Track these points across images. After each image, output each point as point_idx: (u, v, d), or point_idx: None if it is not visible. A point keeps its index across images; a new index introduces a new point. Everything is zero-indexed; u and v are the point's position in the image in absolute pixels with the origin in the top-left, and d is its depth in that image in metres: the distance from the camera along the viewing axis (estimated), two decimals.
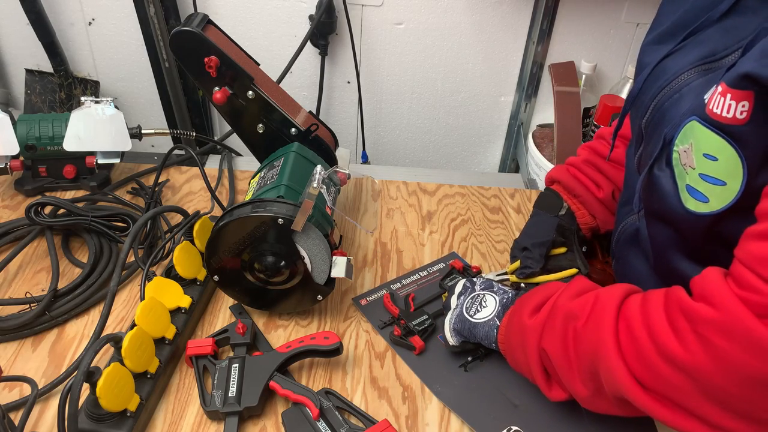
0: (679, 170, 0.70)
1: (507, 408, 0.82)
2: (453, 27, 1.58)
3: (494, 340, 0.82)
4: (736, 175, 0.64)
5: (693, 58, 0.75)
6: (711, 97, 0.64)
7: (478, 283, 0.88)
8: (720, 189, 0.65)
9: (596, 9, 1.54)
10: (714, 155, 0.65)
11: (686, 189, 0.69)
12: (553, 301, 0.75)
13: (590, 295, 0.72)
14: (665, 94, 0.77)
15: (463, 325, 0.84)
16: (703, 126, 0.65)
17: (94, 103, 1.12)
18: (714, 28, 0.75)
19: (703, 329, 0.59)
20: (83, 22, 1.63)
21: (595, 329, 0.68)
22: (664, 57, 0.79)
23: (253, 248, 0.86)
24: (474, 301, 0.85)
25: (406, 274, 1.04)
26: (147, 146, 1.67)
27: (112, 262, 0.99)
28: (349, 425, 0.77)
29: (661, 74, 0.79)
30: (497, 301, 0.84)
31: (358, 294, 1.00)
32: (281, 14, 1.59)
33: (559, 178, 1.02)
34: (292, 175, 0.93)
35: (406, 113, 1.75)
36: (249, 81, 0.97)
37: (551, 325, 0.73)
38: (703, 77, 0.73)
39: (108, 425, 0.74)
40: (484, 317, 0.83)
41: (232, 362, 0.83)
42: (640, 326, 0.64)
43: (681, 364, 0.60)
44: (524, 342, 0.76)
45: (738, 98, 0.61)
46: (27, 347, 0.88)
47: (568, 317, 0.71)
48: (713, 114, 0.64)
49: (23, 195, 1.15)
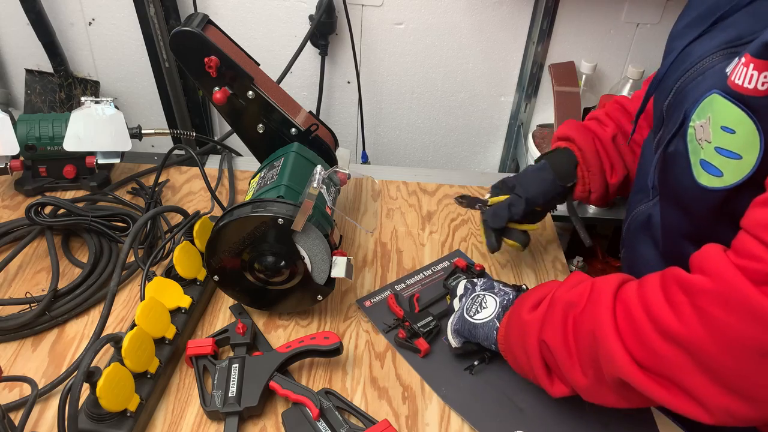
0: (694, 145, 0.70)
1: (513, 412, 0.82)
2: (453, 27, 1.58)
3: (494, 341, 0.82)
4: (753, 148, 0.63)
5: (719, 42, 0.74)
6: (734, 69, 0.64)
7: (479, 283, 0.88)
8: (735, 163, 0.65)
9: (596, 9, 1.54)
10: (732, 128, 0.64)
11: (700, 164, 0.69)
12: (551, 296, 0.76)
13: (587, 283, 0.73)
14: (689, 77, 0.76)
15: (463, 326, 0.84)
16: (723, 98, 0.65)
17: (94, 103, 1.12)
18: (742, 12, 0.74)
19: (699, 300, 0.58)
20: (83, 22, 1.62)
21: (592, 314, 0.68)
22: (691, 41, 0.78)
23: (253, 248, 0.86)
24: (474, 301, 0.85)
25: (410, 274, 1.04)
26: (147, 146, 1.67)
27: (112, 262, 0.99)
28: (349, 425, 0.77)
29: (686, 57, 0.78)
30: (497, 302, 0.84)
31: (361, 296, 1.00)
32: (281, 14, 1.58)
33: (583, 147, 0.99)
34: (292, 175, 0.93)
35: (406, 113, 1.75)
36: (249, 81, 0.97)
37: (551, 317, 0.73)
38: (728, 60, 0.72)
39: (108, 425, 0.74)
40: (484, 318, 0.83)
41: (232, 362, 0.82)
42: (636, 305, 0.64)
43: (677, 337, 0.60)
44: (524, 338, 0.76)
45: (761, 68, 0.60)
46: (27, 347, 0.88)
47: (566, 306, 0.72)
48: (734, 85, 0.63)
49: (23, 195, 1.15)
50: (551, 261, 1.09)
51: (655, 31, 1.54)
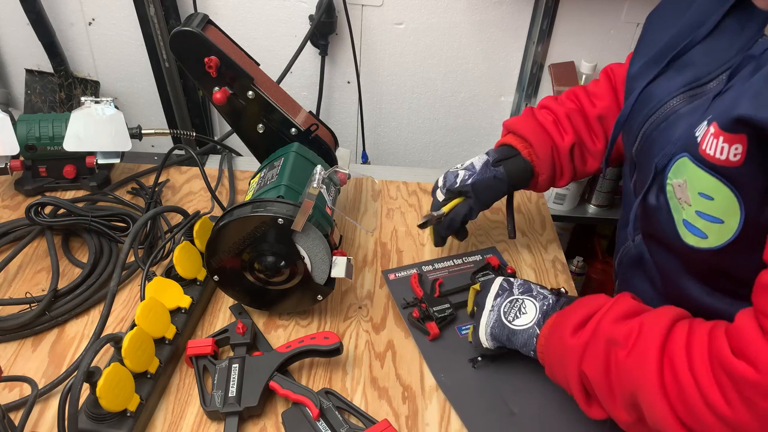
0: (674, 203, 0.70)
1: (503, 413, 0.82)
2: (453, 27, 1.58)
3: (533, 348, 0.80)
4: (734, 213, 0.64)
5: (679, 84, 0.75)
6: (703, 138, 0.64)
7: (516, 284, 0.85)
8: (718, 226, 0.65)
9: (596, 9, 1.54)
10: (709, 195, 0.65)
11: (683, 224, 0.69)
12: (596, 320, 0.72)
13: (635, 322, 0.69)
14: (653, 122, 0.77)
15: (501, 330, 0.82)
16: (695, 165, 0.65)
17: (94, 103, 1.12)
18: (697, 49, 0.75)
19: (746, 391, 0.58)
20: (83, 22, 1.62)
21: (638, 363, 0.66)
22: (650, 81, 0.78)
23: (253, 248, 0.86)
24: (513, 305, 0.82)
25: (440, 258, 1.05)
26: (147, 146, 1.67)
27: (112, 262, 0.99)
28: (349, 425, 0.77)
29: (647, 100, 0.78)
30: (537, 307, 0.81)
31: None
32: (281, 14, 1.59)
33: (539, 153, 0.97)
34: (292, 175, 0.93)
35: (406, 113, 1.75)
36: (249, 81, 0.97)
37: (593, 350, 0.70)
38: (690, 104, 0.73)
39: (108, 425, 0.74)
40: (524, 324, 0.80)
41: (232, 362, 0.82)
42: (685, 371, 0.63)
43: (726, 419, 0.59)
44: (564, 360, 0.74)
45: (731, 141, 0.61)
46: (27, 347, 0.88)
47: (610, 343, 0.69)
48: (707, 155, 0.63)
49: (23, 195, 1.15)
50: (551, 261, 1.09)
51: None
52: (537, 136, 0.98)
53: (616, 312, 0.72)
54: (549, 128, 0.99)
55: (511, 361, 0.87)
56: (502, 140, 1.02)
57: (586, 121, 1.00)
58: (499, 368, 0.87)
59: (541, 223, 1.18)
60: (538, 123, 0.99)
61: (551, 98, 1.04)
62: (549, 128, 0.99)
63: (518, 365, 0.87)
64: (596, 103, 1.00)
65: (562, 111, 1.00)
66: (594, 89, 1.03)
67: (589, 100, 1.01)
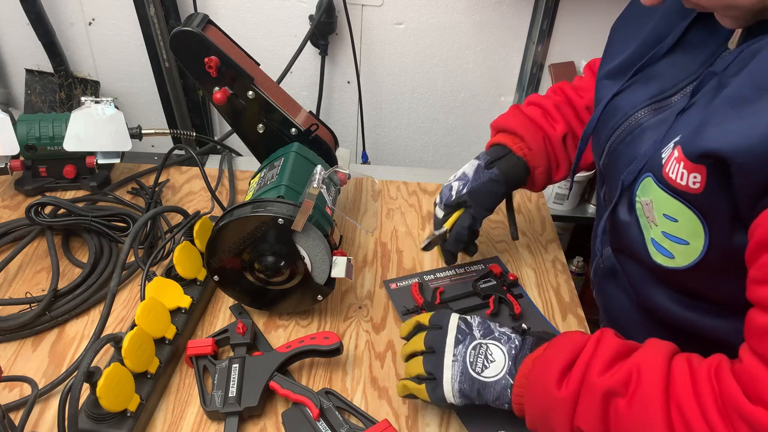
0: (644, 221, 0.71)
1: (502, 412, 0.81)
2: (453, 27, 1.58)
3: (507, 401, 0.73)
4: (698, 235, 0.64)
5: (643, 97, 0.75)
6: (668, 160, 0.64)
7: (474, 325, 0.77)
8: (683, 248, 0.66)
9: (596, 9, 1.54)
10: (674, 216, 0.65)
11: (652, 242, 0.69)
12: (582, 367, 0.66)
13: (629, 364, 0.64)
14: (618, 136, 0.76)
15: (471, 385, 0.73)
16: (658, 187, 0.65)
17: (94, 103, 1.12)
18: (662, 62, 0.75)
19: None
20: (83, 22, 1.63)
21: (643, 413, 0.61)
22: (616, 94, 0.78)
23: (253, 248, 0.86)
24: (478, 353, 0.74)
25: (442, 268, 1.05)
26: (147, 146, 1.67)
27: (112, 262, 0.99)
28: (349, 425, 0.77)
29: (613, 113, 0.78)
30: (505, 353, 0.73)
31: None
32: (281, 14, 1.59)
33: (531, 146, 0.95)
34: (292, 175, 0.93)
35: (406, 113, 1.75)
36: (249, 81, 0.97)
37: (588, 404, 0.65)
38: (655, 117, 0.73)
39: (108, 425, 0.74)
40: (495, 375, 0.72)
41: (232, 362, 0.82)
42: (698, 419, 0.58)
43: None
44: (549, 415, 0.68)
45: (690, 169, 0.61)
46: (27, 347, 0.88)
47: (607, 395, 0.64)
48: (669, 179, 0.64)
49: (23, 195, 1.15)
50: (551, 261, 1.09)
51: None
52: (527, 129, 0.96)
53: (603, 356, 0.66)
54: (538, 120, 0.97)
55: None
56: (492, 141, 1.01)
57: (575, 112, 0.99)
58: None
59: (541, 223, 1.18)
60: (526, 116, 0.98)
61: (536, 95, 1.03)
62: (538, 120, 0.97)
63: None
64: (583, 95, 1.00)
65: (550, 103, 0.99)
66: (579, 83, 1.03)
67: (575, 92, 1.01)
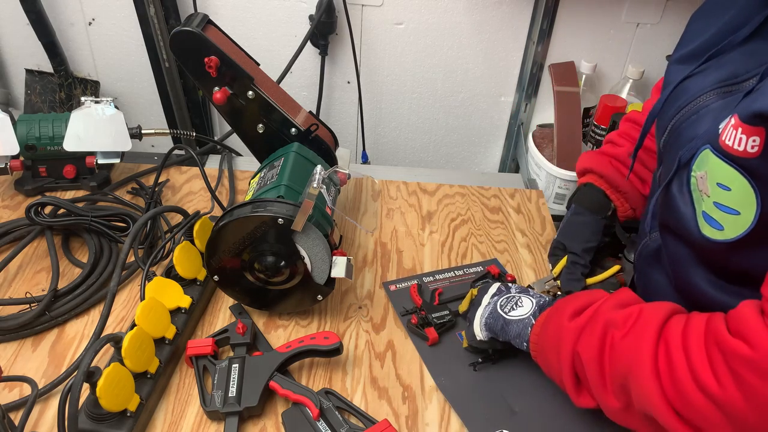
0: (697, 195, 0.71)
1: (504, 412, 0.82)
2: (453, 27, 1.58)
3: (526, 339, 0.80)
4: (750, 204, 0.64)
5: (713, 80, 0.75)
6: (724, 128, 0.64)
7: (513, 287, 0.87)
8: (734, 218, 0.66)
9: (596, 9, 1.53)
10: (727, 185, 0.65)
11: (702, 215, 0.69)
12: (595, 307, 0.74)
13: (635, 308, 0.71)
14: (683, 115, 0.77)
15: (496, 321, 0.83)
16: (715, 155, 0.66)
17: (94, 103, 1.12)
18: (737, 51, 0.75)
19: (737, 366, 0.58)
20: (83, 22, 1.62)
21: (634, 344, 0.67)
22: (686, 78, 0.78)
23: (253, 248, 0.86)
24: (509, 300, 0.84)
25: (441, 270, 1.05)
26: (147, 146, 1.67)
27: (112, 262, 0.99)
28: (349, 425, 0.77)
29: (681, 94, 0.78)
30: (534, 302, 0.83)
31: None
32: (281, 14, 1.58)
33: (602, 172, 1.00)
34: (292, 175, 0.93)
35: (406, 113, 1.75)
36: (249, 81, 0.97)
37: (590, 330, 0.72)
38: (722, 99, 0.73)
39: (108, 425, 0.74)
40: (520, 315, 0.81)
41: (232, 362, 0.82)
42: (679, 352, 0.63)
43: (715, 397, 0.60)
44: (559, 343, 0.75)
45: (749, 133, 0.61)
46: (27, 347, 0.88)
47: (608, 325, 0.70)
48: (725, 146, 0.64)
49: (23, 195, 1.15)
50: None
51: (655, 31, 1.54)
52: (594, 161, 1.02)
53: (615, 300, 0.74)
54: (605, 149, 1.03)
55: (512, 362, 0.87)
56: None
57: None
58: (500, 370, 0.87)
59: (541, 223, 1.19)
60: (594, 153, 1.03)
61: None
62: (605, 149, 1.03)
63: (519, 366, 0.87)
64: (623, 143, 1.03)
65: (615, 133, 1.03)
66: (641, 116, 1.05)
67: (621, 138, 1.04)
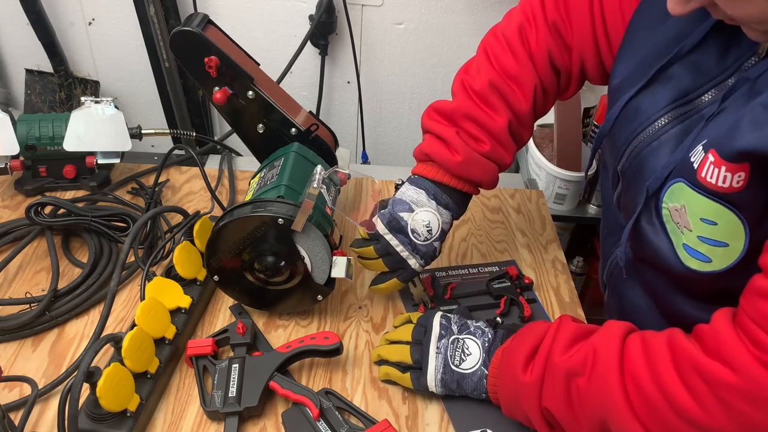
0: (672, 227, 0.70)
1: (493, 413, 0.81)
2: (453, 27, 1.58)
3: (484, 391, 0.79)
4: (738, 235, 0.63)
5: (666, 100, 0.73)
6: (702, 165, 0.63)
7: (453, 321, 0.83)
8: (723, 250, 0.65)
9: None
10: (713, 220, 0.64)
11: (684, 248, 0.68)
12: (545, 352, 0.72)
13: (587, 346, 0.69)
14: (642, 141, 0.75)
15: (451, 377, 0.80)
16: (694, 191, 0.65)
17: (94, 103, 1.12)
18: (681, 63, 0.73)
19: (723, 393, 0.57)
20: (83, 22, 1.63)
21: (601, 388, 0.66)
22: (634, 95, 0.77)
23: (253, 248, 0.86)
24: (456, 347, 0.81)
25: (456, 266, 1.05)
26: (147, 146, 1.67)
27: (112, 262, 0.99)
28: (349, 425, 0.77)
29: (633, 116, 0.76)
30: (479, 345, 0.80)
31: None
32: (281, 14, 1.59)
33: (468, 174, 0.92)
34: (292, 175, 0.93)
35: (406, 113, 1.75)
36: (249, 81, 0.97)
37: (551, 385, 0.70)
38: (680, 123, 0.72)
39: (108, 425, 0.74)
40: (471, 367, 0.79)
41: (232, 362, 0.82)
42: (649, 384, 0.62)
43: (700, 424, 0.59)
44: (520, 399, 0.74)
45: (734, 170, 0.61)
46: (27, 347, 0.88)
47: (568, 375, 0.69)
48: (707, 183, 0.63)
49: (23, 195, 1.15)
50: (551, 261, 1.09)
51: None
52: (435, 149, 0.95)
53: (562, 340, 0.71)
54: (476, 114, 0.95)
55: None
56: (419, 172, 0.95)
57: (520, 86, 0.92)
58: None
59: (541, 223, 1.18)
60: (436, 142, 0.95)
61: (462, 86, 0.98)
62: (476, 114, 0.95)
63: None
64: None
65: (480, 93, 0.95)
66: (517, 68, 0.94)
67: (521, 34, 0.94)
